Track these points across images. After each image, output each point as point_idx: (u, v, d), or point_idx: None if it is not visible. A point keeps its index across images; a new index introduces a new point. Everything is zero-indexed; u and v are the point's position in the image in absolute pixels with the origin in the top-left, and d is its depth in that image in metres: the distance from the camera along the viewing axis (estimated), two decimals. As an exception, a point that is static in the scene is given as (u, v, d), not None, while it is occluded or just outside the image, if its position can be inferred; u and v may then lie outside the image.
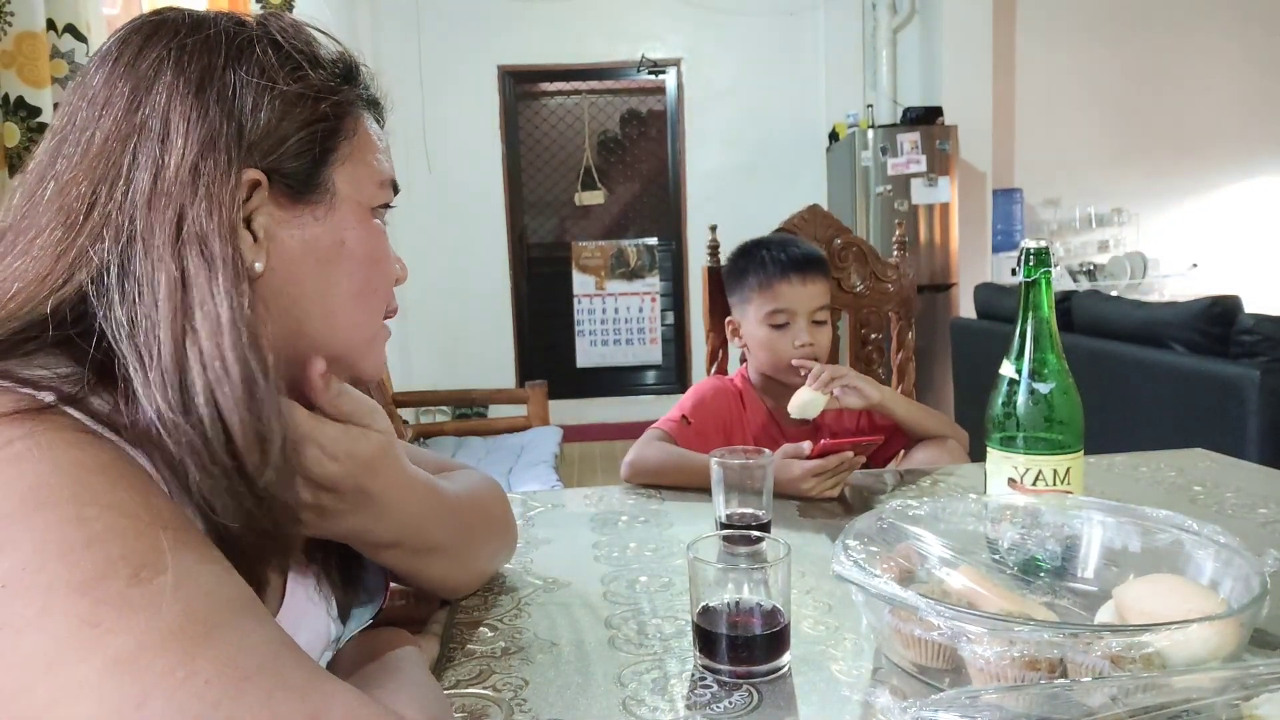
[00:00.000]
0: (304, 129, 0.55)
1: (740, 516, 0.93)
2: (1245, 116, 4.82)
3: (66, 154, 0.51)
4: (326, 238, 0.57)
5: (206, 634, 0.40)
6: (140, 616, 0.39)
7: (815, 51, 4.88)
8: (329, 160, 0.58)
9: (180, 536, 0.43)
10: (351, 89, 0.60)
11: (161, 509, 0.43)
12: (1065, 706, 0.47)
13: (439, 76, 4.75)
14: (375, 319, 0.62)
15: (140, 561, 0.40)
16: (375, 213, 0.62)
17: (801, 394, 1.27)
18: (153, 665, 0.38)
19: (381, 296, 0.62)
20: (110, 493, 0.42)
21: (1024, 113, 4.71)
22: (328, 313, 0.58)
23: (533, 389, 3.42)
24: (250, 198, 0.53)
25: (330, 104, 0.57)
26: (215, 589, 0.43)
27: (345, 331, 0.59)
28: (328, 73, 0.58)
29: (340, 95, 0.58)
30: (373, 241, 0.60)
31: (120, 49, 0.53)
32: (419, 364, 4.86)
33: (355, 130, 0.60)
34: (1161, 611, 0.57)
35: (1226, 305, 2.38)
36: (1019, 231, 4.57)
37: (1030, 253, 0.82)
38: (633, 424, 4.42)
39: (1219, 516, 0.98)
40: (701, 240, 2.29)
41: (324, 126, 0.57)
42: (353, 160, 0.59)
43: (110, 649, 0.38)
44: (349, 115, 0.59)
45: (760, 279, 1.39)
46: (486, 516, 0.80)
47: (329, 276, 0.58)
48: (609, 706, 0.60)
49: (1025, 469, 0.82)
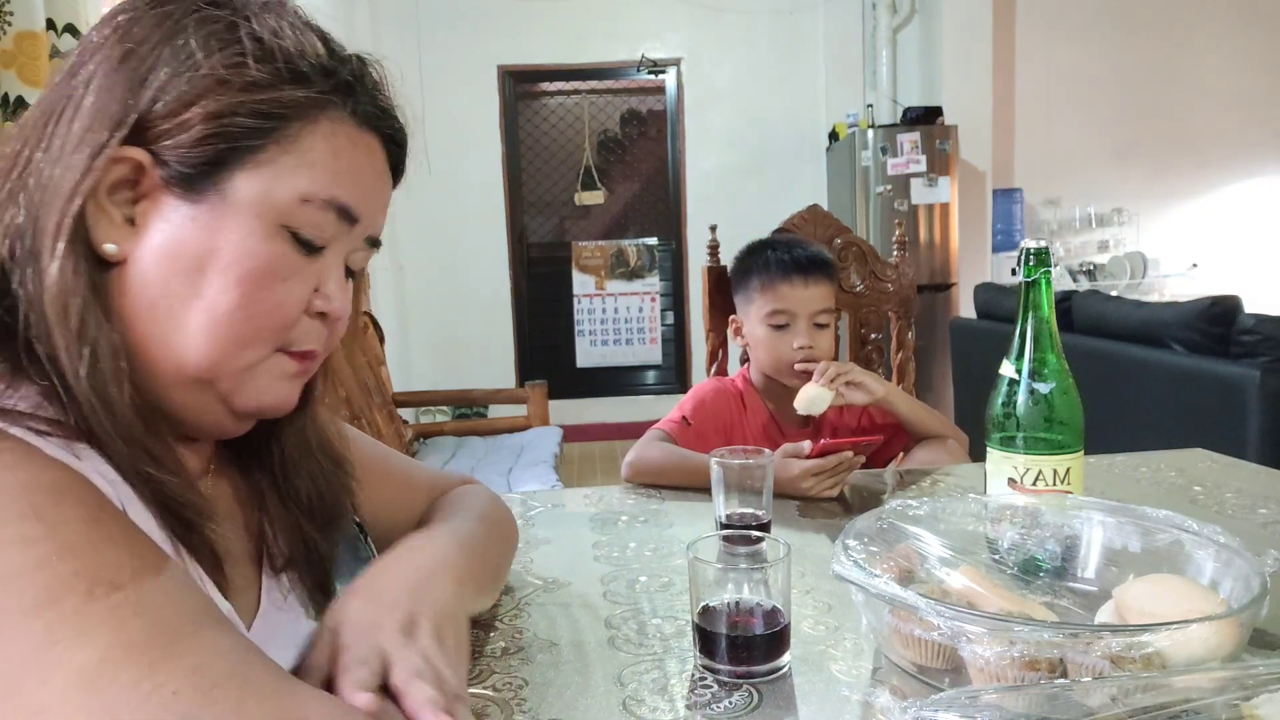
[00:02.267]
0: (213, 120, 0.50)
1: (740, 516, 0.93)
2: (1245, 117, 4.82)
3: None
4: (196, 242, 0.50)
5: (171, 644, 0.39)
6: (100, 632, 0.38)
7: (815, 51, 4.88)
8: (238, 160, 0.51)
9: (136, 549, 0.42)
10: (301, 90, 0.52)
11: (113, 522, 0.43)
12: (1065, 706, 0.47)
13: (439, 76, 4.75)
14: (253, 349, 0.53)
15: (94, 578, 0.39)
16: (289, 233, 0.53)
17: (808, 389, 1.26)
18: (117, 679, 0.37)
19: (265, 326, 0.53)
20: (58, 511, 0.41)
21: (1024, 112, 4.71)
22: (181, 326, 0.51)
23: (533, 389, 3.42)
24: (139, 183, 0.50)
25: (262, 101, 0.51)
26: (177, 599, 0.42)
27: (203, 353, 0.51)
28: (278, 69, 0.52)
29: (283, 94, 0.52)
30: (263, 260, 0.51)
31: (103, 19, 0.52)
32: (419, 364, 4.86)
33: (297, 137, 0.53)
34: (1161, 611, 0.57)
35: (1226, 305, 2.38)
36: (1019, 231, 4.57)
37: (1030, 253, 0.82)
38: (633, 424, 4.42)
39: (1219, 517, 0.98)
40: (701, 240, 2.29)
41: (241, 122, 0.50)
42: (277, 168, 0.52)
43: (72, 666, 0.37)
44: (295, 119, 0.52)
45: (763, 279, 1.39)
46: (506, 546, 0.81)
47: (195, 287, 0.51)
48: (609, 706, 0.60)
49: (1025, 469, 0.82)
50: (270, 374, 0.55)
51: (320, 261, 0.55)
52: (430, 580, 0.59)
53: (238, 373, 0.53)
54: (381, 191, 0.59)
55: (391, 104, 0.60)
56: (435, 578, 0.60)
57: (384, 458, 0.80)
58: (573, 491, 1.19)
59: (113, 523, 0.43)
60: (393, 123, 0.59)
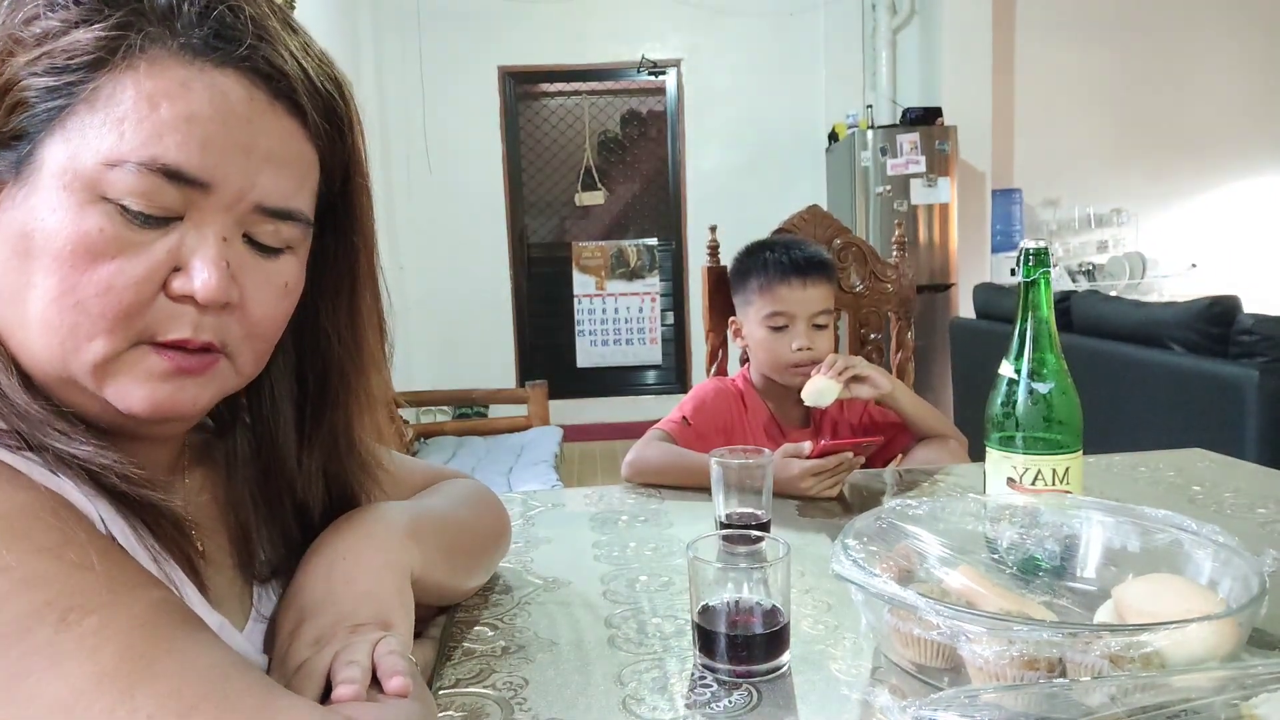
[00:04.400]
0: (8, 89, 0.44)
1: (740, 516, 0.93)
2: (1245, 117, 4.82)
3: None
4: (16, 225, 0.45)
5: (146, 667, 0.39)
6: (73, 661, 0.37)
7: (815, 52, 4.88)
8: (45, 128, 0.44)
9: (111, 570, 0.41)
10: (93, 31, 0.44)
11: (85, 543, 0.41)
12: (1064, 706, 0.47)
13: (439, 77, 4.75)
14: (96, 341, 0.45)
15: (67, 605, 0.39)
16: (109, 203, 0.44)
17: (815, 382, 1.26)
18: (91, 709, 0.37)
19: (97, 312, 0.45)
20: (29, 537, 0.40)
21: (1023, 113, 4.71)
22: (25, 319, 0.45)
23: (533, 389, 3.42)
24: None
25: (55, 52, 0.43)
26: (153, 618, 0.41)
27: (45, 345, 0.45)
28: (67, 13, 0.44)
29: (71, 39, 0.43)
30: (70, 238, 0.44)
31: None
32: (419, 364, 4.86)
33: (101, 89, 0.44)
34: (1160, 611, 0.57)
35: (1225, 305, 2.38)
36: (1018, 232, 4.57)
37: (1029, 253, 0.82)
38: (633, 424, 4.41)
39: (1218, 516, 0.98)
40: (701, 240, 2.29)
41: (37, 83, 0.44)
42: (83, 130, 0.44)
43: (46, 699, 0.36)
44: (101, 68, 0.44)
45: (762, 280, 1.39)
46: (498, 539, 0.82)
47: (25, 273, 0.45)
48: (609, 706, 0.60)
49: (1024, 469, 0.82)
50: (134, 373, 0.47)
51: (175, 236, 0.46)
52: (366, 541, 0.59)
53: (94, 368, 0.46)
54: (253, 141, 0.47)
55: (247, 23, 0.47)
56: (373, 537, 0.59)
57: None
58: (573, 491, 1.19)
59: (86, 545, 0.41)
60: (252, 49, 0.46)
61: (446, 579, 0.68)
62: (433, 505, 0.71)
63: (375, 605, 0.55)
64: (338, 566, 0.57)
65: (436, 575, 0.65)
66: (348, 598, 0.55)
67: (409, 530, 0.62)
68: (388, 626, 0.54)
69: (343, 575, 0.56)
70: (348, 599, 0.55)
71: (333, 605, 0.54)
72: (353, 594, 0.55)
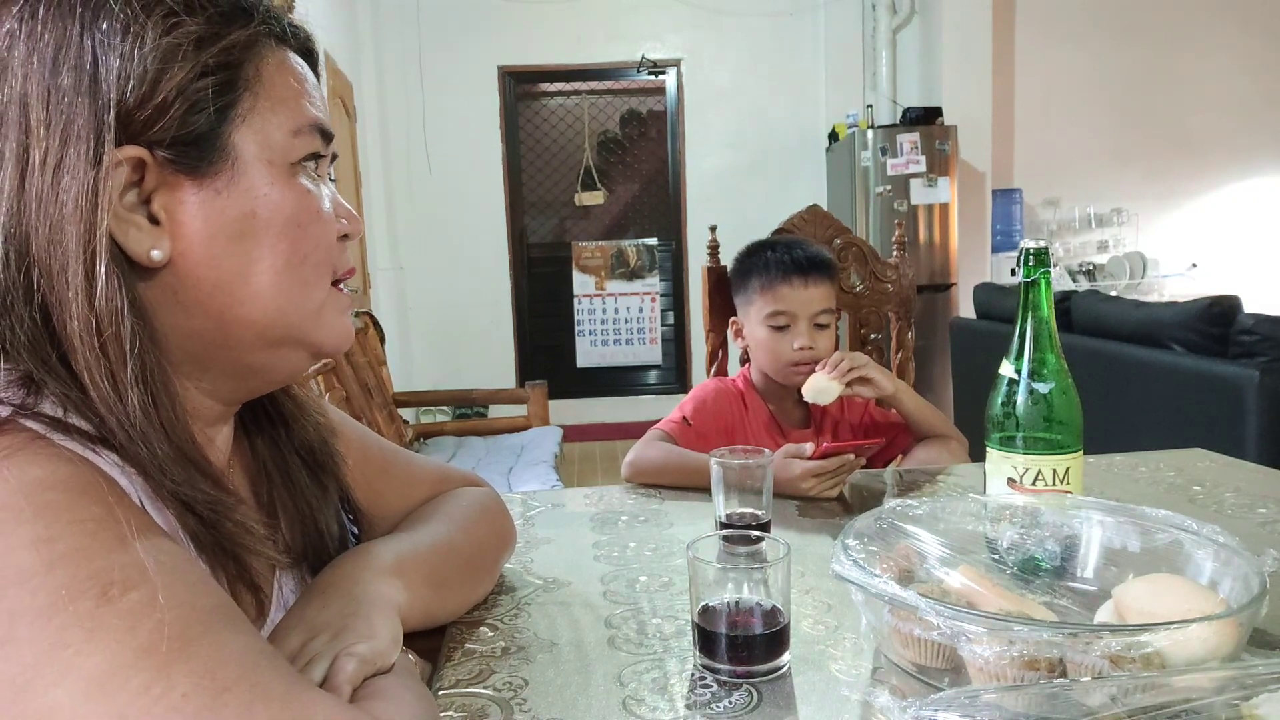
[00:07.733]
0: (187, 89, 0.48)
1: (740, 516, 0.93)
2: (1245, 117, 4.82)
3: None
4: (232, 211, 0.50)
5: (182, 647, 0.39)
6: (111, 635, 0.38)
7: (815, 52, 4.88)
8: (227, 119, 0.50)
9: (151, 548, 0.42)
10: (244, 28, 0.51)
11: (129, 521, 0.42)
12: (1064, 706, 0.47)
13: (439, 76, 4.75)
14: (317, 289, 0.55)
15: (108, 579, 0.39)
16: (299, 168, 0.53)
17: (817, 379, 1.26)
18: (128, 684, 0.37)
19: (318, 263, 0.54)
20: (74, 510, 0.41)
21: (1023, 113, 4.71)
22: (254, 295, 0.51)
23: (533, 389, 3.42)
24: (143, 179, 0.48)
25: (218, 52, 0.49)
26: (190, 599, 0.42)
27: (280, 311, 0.53)
28: (210, 14, 0.50)
29: (229, 39, 0.50)
30: (294, 204, 0.52)
31: None
32: (419, 364, 4.86)
33: (258, 77, 0.52)
34: (1161, 611, 0.57)
35: (1226, 305, 2.38)
36: (1018, 231, 4.57)
37: (1030, 253, 0.82)
38: (633, 424, 4.42)
39: (1218, 516, 0.98)
40: (701, 240, 2.29)
41: (213, 81, 0.49)
42: (259, 113, 0.51)
43: (83, 671, 0.37)
44: (247, 61, 0.51)
45: (763, 280, 1.39)
46: (498, 552, 0.83)
47: (246, 254, 0.51)
48: (609, 706, 0.60)
49: (1024, 469, 0.82)
50: (335, 310, 0.57)
51: (328, 186, 0.57)
52: (356, 579, 0.61)
53: (311, 316, 0.54)
54: (325, 101, 0.59)
55: (285, 14, 0.58)
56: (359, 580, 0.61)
57: (384, 451, 0.80)
58: (573, 491, 1.19)
59: (128, 521, 0.42)
60: (299, 33, 0.58)
61: (437, 609, 0.70)
62: (420, 538, 0.72)
63: (360, 624, 0.56)
64: (314, 602, 0.58)
65: (424, 607, 0.66)
66: (326, 621, 0.56)
67: (394, 569, 0.64)
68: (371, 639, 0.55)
69: (319, 605, 0.57)
70: (327, 622, 0.56)
71: (307, 627, 0.55)
72: (331, 616, 0.56)
